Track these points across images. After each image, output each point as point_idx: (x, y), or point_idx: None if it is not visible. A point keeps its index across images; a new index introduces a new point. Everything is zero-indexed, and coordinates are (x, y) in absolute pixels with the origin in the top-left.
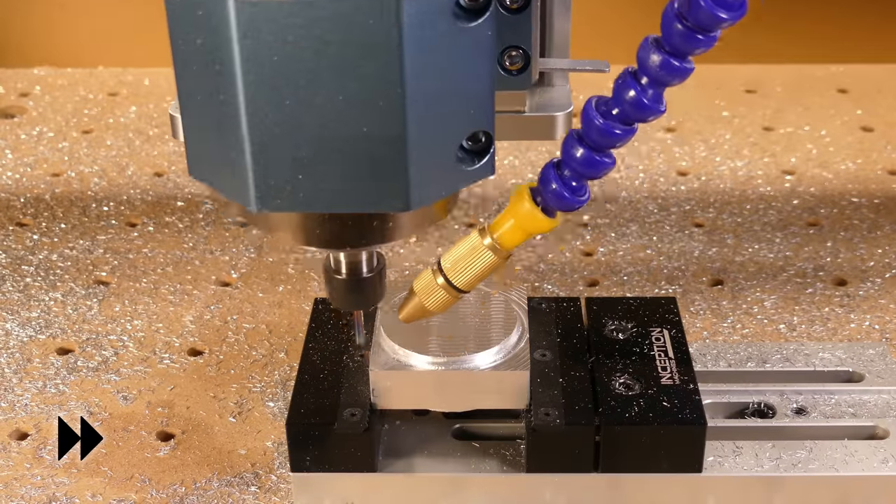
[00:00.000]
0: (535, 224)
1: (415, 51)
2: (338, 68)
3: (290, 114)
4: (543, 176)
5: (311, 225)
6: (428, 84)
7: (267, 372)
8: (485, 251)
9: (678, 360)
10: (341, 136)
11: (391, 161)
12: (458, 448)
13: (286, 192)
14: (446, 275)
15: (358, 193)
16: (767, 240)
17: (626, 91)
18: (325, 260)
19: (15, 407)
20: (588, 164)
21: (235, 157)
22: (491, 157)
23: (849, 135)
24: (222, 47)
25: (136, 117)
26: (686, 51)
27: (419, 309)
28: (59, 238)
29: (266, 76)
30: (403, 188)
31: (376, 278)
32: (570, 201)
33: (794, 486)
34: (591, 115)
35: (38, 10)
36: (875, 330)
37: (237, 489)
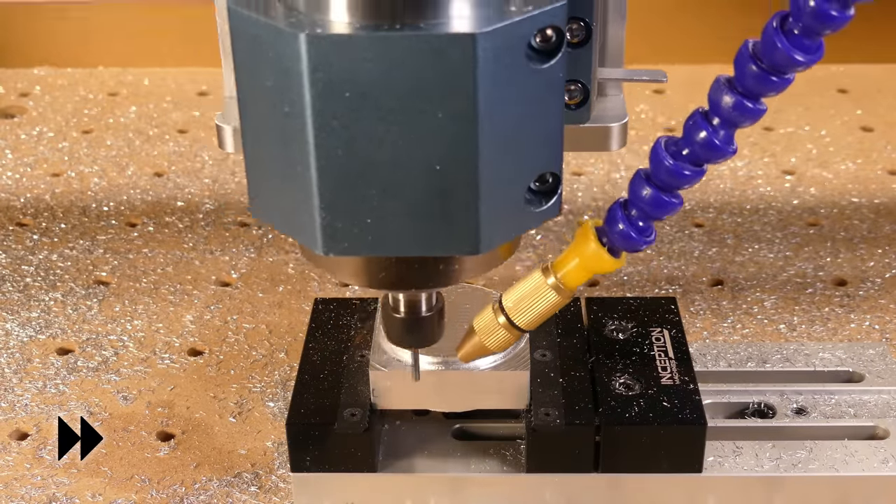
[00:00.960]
0: (601, 265)
1: (488, 89)
2: (410, 105)
3: (360, 153)
4: (610, 216)
5: (375, 268)
6: (500, 124)
7: (267, 372)
8: (549, 290)
9: (678, 360)
10: (412, 176)
11: (462, 202)
12: (458, 448)
13: (354, 234)
14: (508, 314)
15: (426, 236)
16: (767, 240)
17: (697, 132)
18: (383, 296)
19: (15, 407)
20: (656, 204)
21: (302, 198)
22: (558, 198)
23: (849, 135)
24: (292, 87)
25: (136, 117)
26: (760, 92)
27: (479, 348)
28: (59, 238)
29: (337, 114)
30: (473, 231)
31: (435, 318)
32: (637, 242)
33: (794, 486)
34: (661, 156)
35: (38, 11)
36: (875, 330)
37: (237, 489)
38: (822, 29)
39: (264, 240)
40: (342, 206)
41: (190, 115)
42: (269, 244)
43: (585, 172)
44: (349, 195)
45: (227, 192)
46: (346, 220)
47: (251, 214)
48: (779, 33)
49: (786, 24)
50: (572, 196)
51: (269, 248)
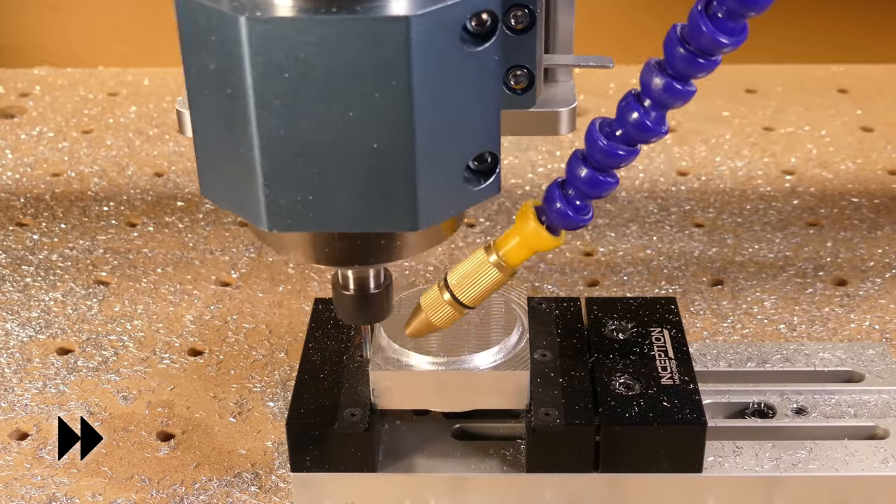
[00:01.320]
0: (540, 242)
1: (423, 71)
2: (349, 86)
3: (301, 133)
4: (548, 195)
5: (320, 244)
6: (436, 105)
7: (267, 372)
8: (490, 268)
9: (678, 360)
10: (351, 154)
11: (400, 180)
12: (458, 448)
13: (297, 212)
14: (452, 291)
15: (367, 213)
16: (767, 240)
17: (629, 113)
18: (333, 276)
19: (15, 407)
20: (592, 184)
21: (247, 177)
22: (497, 177)
23: (849, 135)
24: (234, 69)
25: (136, 117)
26: (688, 74)
27: (425, 324)
28: (59, 238)
29: (278, 94)
30: (412, 208)
31: (384, 294)
32: (575, 220)
33: (794, 486)
34: (595, 137)
35: (39, 11)
36: (875, 330)
37: (237, 489)
38: (746, 11)
39: None
40: (285, 184)
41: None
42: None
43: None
44: (291, 173)
45: None
46: (288, 197)
47: (201, 193)
48: (703, 17)
49: (710, 7)
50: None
51: (269, 248)
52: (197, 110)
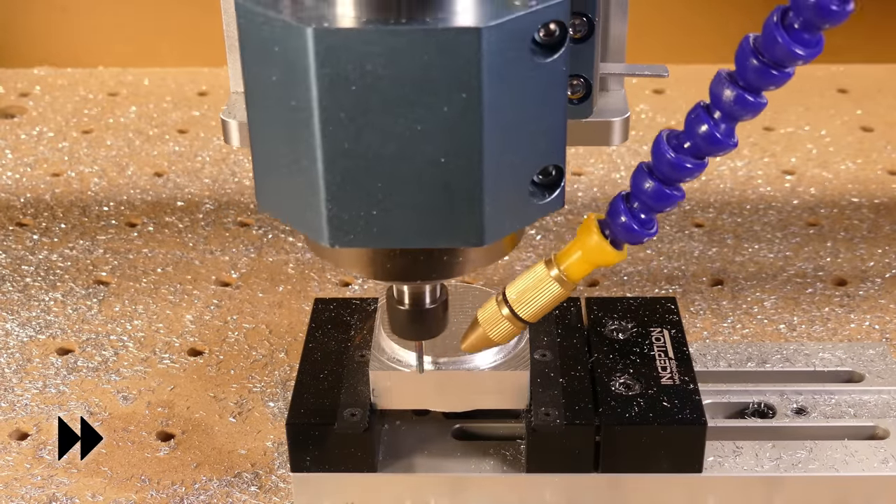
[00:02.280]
0: (603, 257)
1: (493, 83)
2: (416, 98)
3: (366, 146)
4: (613, 209)
5: (381, 259)
6: (505, 117)
7: (267, 372)
8: (551, 283)
9: (678, 360)
10: (417, 168)
11: (466, 195)
12: (458, 448)
13: (359, 226)
14: (511, 306)
15: (431, 228)
16: (767, 240)
17: (698, 125)
18: (388, 289)
19: (15, 407)
20: (658, 197)
21: (309, 191)
22: (561, 191)
23: (849, 135)
24: (299, 81)
25: (136, 117)
26: (760, 86)
27: (483, 339)
28: (59, 238)
29: (343, 107)
30: (477, 223)
31: (439, 309)
32: (639, 234)
33: (794, 486)
34: (663, 149)
35: (39, 11)
36: (875, 330)
37: (237, 489)
38: (822, 23)
39: (264, 240)
40: (348, 199)
41: (190, 115)
42: (269, 244)
43: (585, 172)
44: (355, 187)
45: (227, 192)
46: (351, 212)
47: (258, 208)
48: (779, 28)
49: (786, 18)
50: (572, 196)
51: (269, 248)
52: (256, 122)
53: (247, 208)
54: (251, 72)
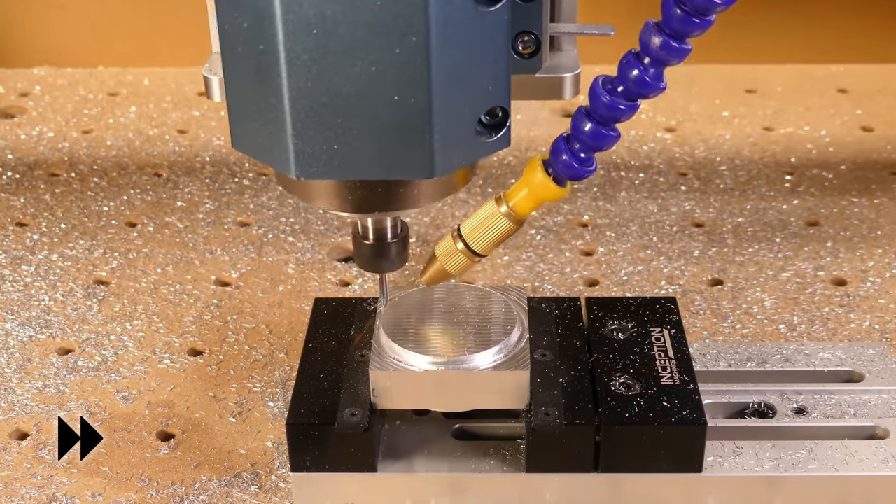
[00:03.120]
0: (547, 192)
1: (439, 28)
2: (371, 42)
3: (327, 85)
4: (555, 148)
5: (343, 191)
6: (450, 59)
7: (267, 372)
8: (501, 218)
9: (678, 360)
10: (373, 105)
11: (417, 131)
12: (458, 448)
13: (323, 160)
14: (465, 240)
15: (387, 161)
16: (767, 240)
17: (629, 70)
18: (353, 226)
19: (15, 407)
20: (595, 136)
21: (277, 128)
22: (507, 131)
23: (849, 135)
24: (266, 27)
25: (136, 117)
26: (684, 33)
27: (440, 272)
28: (59, 238)
29: (306, 49)
30: (428, 157)
31: (400, 244)
32: (579, 171)
33: (794, 486)
34: (598, 92)
35: (38, 11)
36: (875, 330)
37: (237, 489)
38: None
39: (264, 240)
40: (312, 134)
41: (190, 115)
42: (269, 244)
43: None
44: (318, 123)
45: (227, 192)
46: (315, 146)
47: (232, 147)
48: None
49: None
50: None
51: (269, 248)
52: (230, 67)
53: (247, 208)
54: (224, 19)
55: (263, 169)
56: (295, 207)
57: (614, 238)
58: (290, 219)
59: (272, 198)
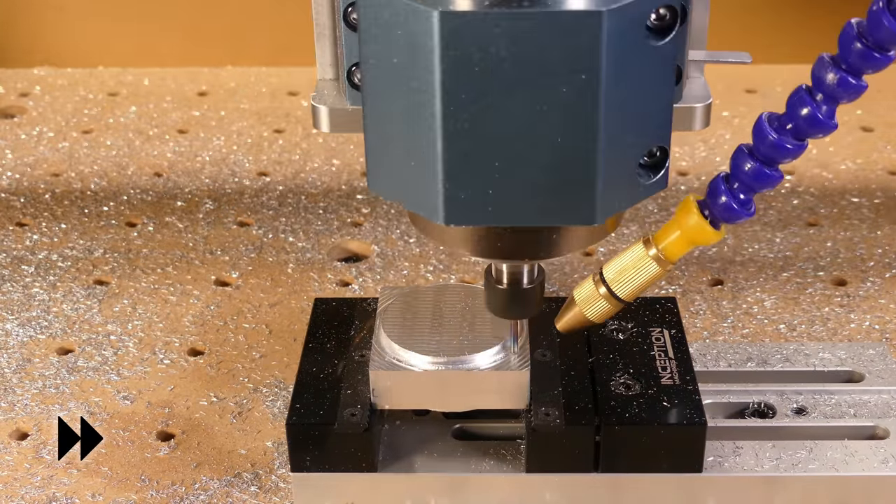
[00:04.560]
0: (703, 236)
1: (610, 65)
2: (536, 80)
3: (486, 127)
4: (713, 189)
5: (492, 237)
6: (619, 99)
7: (267, 372)
8: (650, 262)
9: (678, 360)
10: (535, 149)
11: (581, 174)
12: (458, 448)
13: (475, 205)
14: (609, 285)
15: (546, 207)
16: (767, 240)
17: (800, 107)
18: (486, 269)
19: (15, 407)
20: (758, 177)
21: (426, 171)
22: (665, 171)
23: (849, 135)
24: (421, 63)
25: (136, 117)
26: (862, 69)
27: (579, 318)
28: (59, 238)
29: (466, 88)
30: (590, 201)
31: (537, 289)
32: (739, 213)
33: (794, 486)
34: (765, 131)
35: (38, 11)
36: (875, 330)
37: (237, 489)
38: None
39: (264, 240)
40: (465, 178)
41: (190, 115)
42: (269, 244)
43: None
44: (473, 167)
45: (227, 192)
46: (468, 191)
47: (369, 188)
48: (885, 12)
49: (892, 3)
50: None
51: (269, 248)
52: (373, 103)
53: (247, 208)
54: (370, 53)
55: (263, 169)
56: (295, 207)
57: (614, 238)
58: (290, 219)
59: (272, 198)
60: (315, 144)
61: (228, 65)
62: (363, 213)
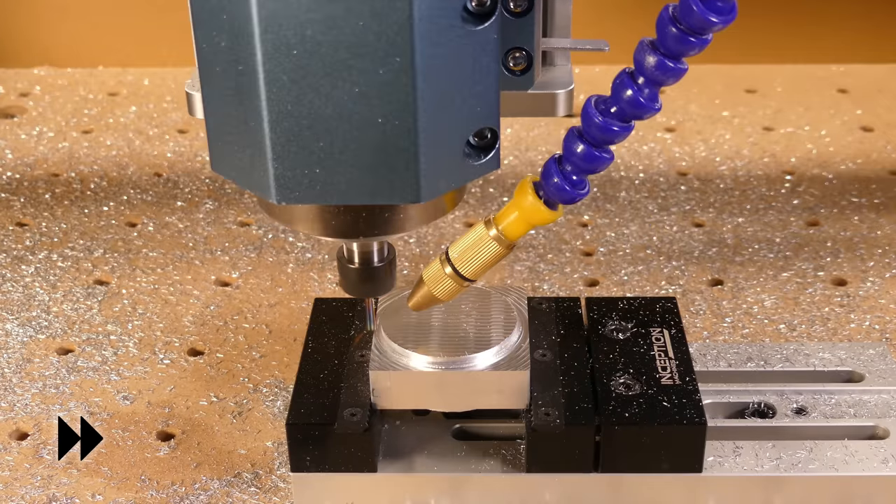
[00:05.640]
0: (538, 216)
1: (425, 47)
2: (354, 63)
3: (308, 107)
4: (546, 170)
5: (326, 216)
6: (438, 80)
7: (267, 372)
8: (490, 242)
9: (678, 360)
10: (356, 128)
11: (403, 153)
12: (458, 448)
13: (304, 184)
14: (454, 264)
15: (371, 186)
16: (767, 240)
17: (623, 90)
18: (338, 250)
19: (15, 407)
20: (588, 159)
21: (257, 151)
22: (496, 153)
23: (849, 135)
24: (245, 47)
25: (136, 117)
26: (680, 52)
27: (428, 297)
28: (59, 238)
29: (286, 70)
30: (414, 181)
31: (387, 268)
32: (571, 194)
33: (794, 486)
34: (591, 113)
35: (38, 11)
36: (875, 330)
37: (237, 489)
38: None
39: (264, 240)
40: (293, 157)
41: (190, 115)
42: (269, 244)
43: None
44: (299, 146)
45: (227, 192)
46: (296, 170)
47: (212, 168)
48: None
49: None
50: None
51: (269, 248)
52: (208, 87)
53: (247, 208)
54: (202, 37)
55: None
56: None
57: (614, 238)
58: None
59: None
60: None
61: None
62: None
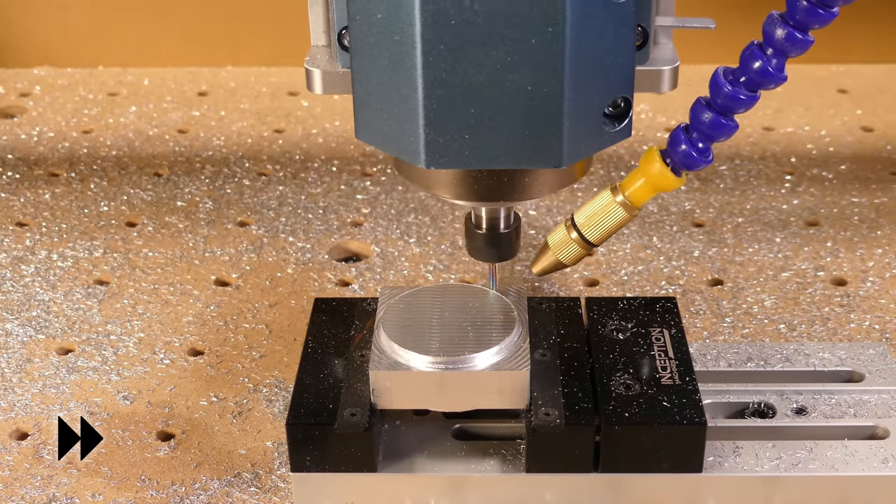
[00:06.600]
0: (665, 182)
1: (575, 19)
2: (508, 32)
3: (462, 76)
4: (673, 138)
5: (468, 181)
6: (584, 50)
7: (267, 372)
8: (616, 207)
9: (678, 360)
10: (506, 95)
11: (549, 119)
12: (458, 448)
13: (453, 150)
14: (580, 229)
15: (516, 151)
16: (767, 240)
17: (752, 61)
18: (466, 216)
19: (15, 407)
20: (715, 127)
21: (408, 118)
22: (629, 122)
23: (849, 135)
24: (403, 17)
25: (136, 117)
26: (808, 25)
27: (553, 262)
28: (59, 238)
29: (443, 40)
30: (557, 146)
31: (513, 234)
32: (698, 161)
33: (794, 486)
34: (720, 83)
35: (38, 11)
36: (875, 330)
37: (237, 489)
38: None
39: (264, 240)
40: (444, 124)
41: (190, 115)
42: (269, 244)
43: None
44: (450, 113)
45: (227, 192)
46: (447, 136)
47: (356, 137)
48: None
49: None
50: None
51: (269, 248)
52: (359, 57)
53: (247, 208)
54: (356, 10)
55: (263, 169)
56: (294, 207)
57: (614, 238)
58: (290, 219)
59: (272, 198)
60: (315, 145)
61: (228, 65)
62: (363, 213)
